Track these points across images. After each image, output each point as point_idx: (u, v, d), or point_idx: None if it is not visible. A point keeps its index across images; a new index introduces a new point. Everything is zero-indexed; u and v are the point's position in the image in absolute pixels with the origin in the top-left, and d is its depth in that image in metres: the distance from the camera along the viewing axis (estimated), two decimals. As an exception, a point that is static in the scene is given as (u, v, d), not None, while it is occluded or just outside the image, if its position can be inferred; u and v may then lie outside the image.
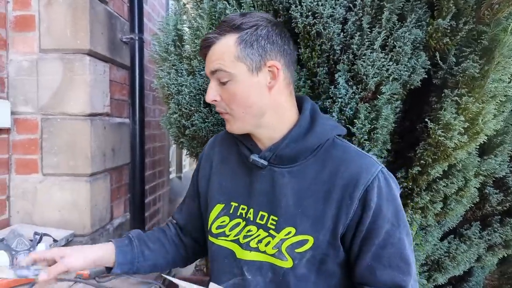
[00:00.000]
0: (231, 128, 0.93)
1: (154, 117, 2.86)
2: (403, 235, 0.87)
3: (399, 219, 0.87)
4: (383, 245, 0.85)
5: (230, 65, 0.86)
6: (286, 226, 0.88)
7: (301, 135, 0.90)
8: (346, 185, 0.86)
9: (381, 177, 0.87)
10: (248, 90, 0.87)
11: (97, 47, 1.85)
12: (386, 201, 0.86)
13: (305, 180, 0.89)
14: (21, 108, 1.77)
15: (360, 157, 0.91)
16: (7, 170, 1.77)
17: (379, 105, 1.21)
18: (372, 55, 1.17)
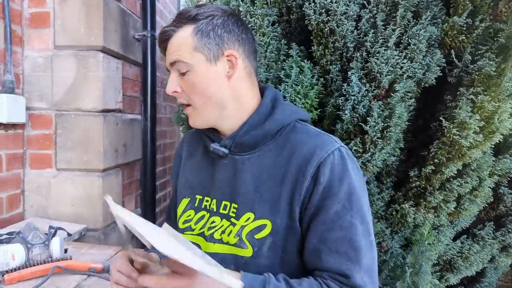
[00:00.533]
0: (194, 122, 0.91)
1: (165, 114, 2.87)
2: (356, 220, 0.80)
3: (352, 202, 0.80)
4: (331, 227, 0.80)
5: (187, 55, 0.85)
6: (246, 212, 0.86)
7: (260, 121, 0.88)
8: (300, 164, 0.83)
9: (336, 155, 0.82)
10: (206, 80, 0.86)
11: (111, 44, 1.87)
12: (339, 180, 0.81)
13: (264, 166, 0.87)
14: (36, 103, 1.79)
15: (318, 136, 0.87)
16: (22, 164, 1.80)
17: (392, 103, 1.20)
18: (386, 53, 1.16)
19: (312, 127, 0.91)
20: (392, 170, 1.45)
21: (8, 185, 1.71)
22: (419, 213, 1.41)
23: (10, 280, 1.09)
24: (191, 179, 0.99)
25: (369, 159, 1.28)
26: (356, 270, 0.78)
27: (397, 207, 1.47)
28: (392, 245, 1.55)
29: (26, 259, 1.19)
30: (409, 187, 1.41)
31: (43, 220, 1.76)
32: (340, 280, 0.78)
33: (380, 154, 1.27)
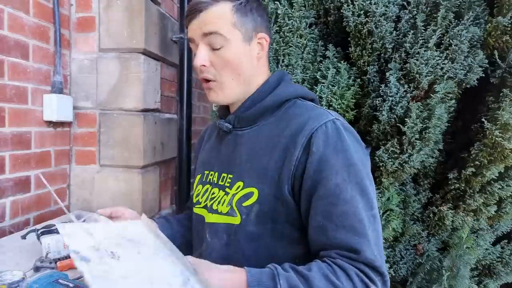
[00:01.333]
0: (217, 97, 0.90)
1: (199, 114, 2.94)
2: (355, 193, 0.76)
3: (350, 173, 0.77)
4: (334, 201, 0.76)
5: (226, 30, 0.84)
6: (237, 181, 0.86)
7: (261, 98, 0.89)
8: (291, 134, 0.81)
9: (330, 125, 0.80)
10: (241, 57, 0.86)
11: (151, 47, 1.94)
12: (334, 151, 0.77)
13: (259, 138, 0.87)
14: (81, 103, 1.89)
15: (314, 109, 0.86)
16: (68, 160, 1.90)
17: (432, 104, 1.19)
18: (426, 53, 1.15)
19: (313, 104, 0.90)
20: (430, 172, 1.43)
21: (56, 179, 1.82)
22: (458, 216, 1.39)
23: (62, 267, 1.16)
24: (205, 157, 1.03)
25: (406, 160, 1.28)
26: (365, 244, 0.74)
27: (434, 210, 1.45)
28: (428, 248, 1.54)
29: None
30: (447, 189, 1.39)
31: (87, 213, 1.86)
32: (350, 256, 0.73)
33: (418, 156, 1.27)
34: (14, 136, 1.55)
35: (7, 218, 1.53)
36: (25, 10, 1.59)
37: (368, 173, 0.81)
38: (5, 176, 1.51)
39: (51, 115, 1.71)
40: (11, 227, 1.55)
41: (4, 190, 1.51)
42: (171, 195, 2.38)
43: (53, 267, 1.13)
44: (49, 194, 1.77)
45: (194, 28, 0.85)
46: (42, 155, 1.72)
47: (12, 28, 1.53)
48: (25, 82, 1.60)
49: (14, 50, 1.54)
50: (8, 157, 1.53)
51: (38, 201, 1.70)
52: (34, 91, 1.65)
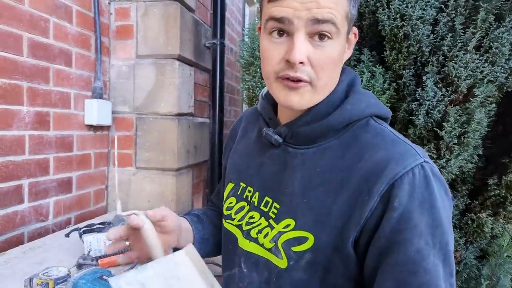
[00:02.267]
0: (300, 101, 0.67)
1: (230, 118, 2.99)
2: (439, 261, 0.62)
3: (435, 236, 0.61)
4: (413, 270, 0.61)
5: (341, 21, 0.64)
6: (286, 217, 0.70)
7: (327, 112, 0.70)
8: (367, 176, 0.64)
9: (418, 173, 0.62)
10: (340, 57, 0.67)
11: (185, 52, 2.00)
12: (421, 207, 0.61)
13: (319, 166, 0.70)
14: (119, 108, 1.97)
15: (395, 144, 0.66)
16: (107, 163, 1.98)
17: (471, 108, 1.17)
18: (465, 57, 1.14)
19: (390, 129, 0.71)
20: (469, 178, 1.40)
21: (95, 181, 1.90)
22: (498, 223, 1.35)
23: (102, 265, 1.21)
24: (240, 163, 0.86)
25: (443, 165, 1.26)
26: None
27: (473, 216, 1.42)
28: (466, 255, 1.49)
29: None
30: (487, 195, 1.35)
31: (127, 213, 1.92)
32: None
33: (456, 161, 1.24)
34: (58, 139, 1.64)
35: (51, 217, 1.62)
36: (68, 20, 1.68)
37: (452, 234, 0.66)
38: (49, 177, 1.60)
39: (91, 119, 1.79)
40: (54, 226, 1.63)
41: (48, 191, 1.59)
42: (203, 197, 2.43)
43: (95, 265, 1.18)
44: (88, 194, 1.85)
45: (295, 6, 0.62)
46: (83, 157, 1.80)
47: (57, 37, 1.61)
48: (68, 88, 1.69)
49: (58, 58, 1.62)
50: (52, 159, 1.61)
51: (79, 201, 1.78)
52: (76, 96, 1.74)
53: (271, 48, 0.66)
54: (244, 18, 3.63)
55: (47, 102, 1.57)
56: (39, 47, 1.51)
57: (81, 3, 1.75)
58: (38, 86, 1.52)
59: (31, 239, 1.49)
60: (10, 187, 1.41)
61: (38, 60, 1.51)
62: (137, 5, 1.94)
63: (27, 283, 1.03)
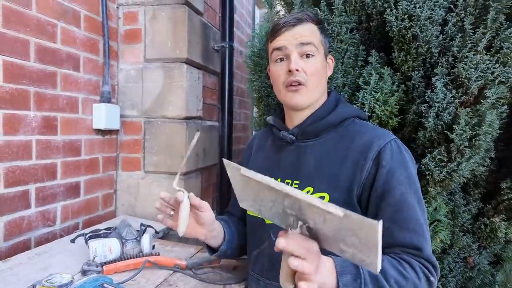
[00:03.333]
0: (301, 99, 1.01)
1: (239, 121, 2.98)
2: (414, 200, 0.90)
3: (410, 184, 0.91)
4: (399, 208, 0.88)
5: (317, 43, 1.01)
6: (306, 186, 0.96)
7: (324, 115, 1.03)
8: (361, 149, 0.94)
9: (393, 144, 0.94)
10: (322, 70, 1.03)
11: (193, 56, 2.00)
12: (399, 165, 0.91)
13: (325, 150, 1.00)
14: (128, 112, 1.98)
15: (375, 129, 1.01)
16: (115, 167, 1.99)
17: (482, 110, 1.13)
18: (476, 57, 1.10)
19: (370, 123, 1.06)
20: (481, 181, 1.36)
21: (104, 185, 1.91)
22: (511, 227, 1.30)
23: (107, 271, 1.20)
24: (260, 165, 1.12)
25: (454, 169, 1.22)
26: (425, 243, 0.88)
27: (486, 221, 1.37)
28: (479, 261, 1.45)
29: (121, 252, 1.31)
30: (500, 199, 1.31)
31: (132, 218, 1.93)
32: (413, 253, 0.86)
33: (467, 164, 1.20)
34: (66, 143, 1.65)
35: (58, 222, 1.63)
36: (76, 24, 1.69)
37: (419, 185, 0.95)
38: (56, 182, 1.61)
39: (100, 123, 1.80)
40: (61, 230, 1.64)
41: (55, 195, 1.60)
42: (212, 201, 2.42)
43: (99, 271, 1.18)
44: (97, 199, 1.86)
45: (287, 38, 1.01)
46: (91, 162, 1.81)
47: (65, 42, 1.63)
48: (76, 92, 1.70)
49: (66, 63, 1.64)
50: (59, 163, 1.62)
51: (87, 206, 1.79)
52: (84, 100, 1.75)
53: (278, 69, 1.04)
54: (254, 21, 3.62)
55: (55, 107, 1.58)
56: (46, 52, 1.53)
57: (89, 8, 1.76)
58: (46, 91, 1.53)
59: (38, 244, 1.50)
60: (17, 192, 1.42)
61: (45, 65, 1.53)
62: (145, 9, 1.94)
63: (30, 290, 1.02)
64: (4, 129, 1.35)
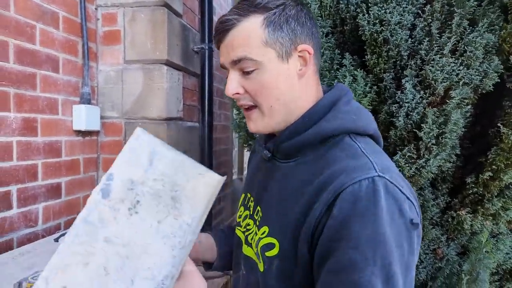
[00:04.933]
0: (256, 126, 0.78)
1: (219, 122, 3.01)
2: (377, 280, 0.59)
3: (376, 253, 0.59)
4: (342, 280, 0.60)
5: (257, 51, 0.71)
6: (264, 225, 0.77)
7: (304, 128, 0.75)
8: (321, 186, 0.67)
9: (365, 185, 0.63)
10: (277, 80, 0.73)
11: (173, 57, 2.02)
12: (362, 219, 0.61)
13: (292, 179, 0.75)
14: (108, 113, 1.98)
15: (357, 157, 0.68)
16: (96, 168, 1.99)
17: (448, 110, 1.21)
18: (442, 60, 1.18)
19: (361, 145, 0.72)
20: (448, 177, 1.45)
21: (85, 186, 1.91)
22: (477, 220, 1.39)
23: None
24: (249, 176, 0.97)
25: (423, 165, 1.30)
26: None
27: (453, 214, 1.46)
28: (448, 252, 1.54)
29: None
30: (466, 193, 1.40)
31: (114, 218, 1.93)
32: None
33: (434, 160, 1.29)
34: (46, 145, 1.65)
35: (40, 222, 1.62)
36: (55, 26, 1.69)
37: (401, 257, 0.62)
38: (37, 183, 1.61)
39: (80, 124, 1.80)
40: (43, 231, 1.64)
41: (37, 196, 1.60)
42: (192, 200, 2.45)
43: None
44: (78, 200, 1.86)
45: (222, 52, 0.76)
46: (72, 163, 1.81)
47: (44, 43, 1.63)
48: (55, 93, 1.70)
49: (45, 64, 1.64)
50: (40, 165, 1.62)
51: (68, 206, 1.79)
52: (64, 102, 1.75)
53: None
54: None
55: (35, 108, 1.58)
56: (25, 53, 1.53)
57: (67, 9, 1.76)
58: (25, 92, 1.53)
59: (20, 244, 1.49)
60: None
61: (24, 66, 1.52)
62: (124, 11, 1.96)
63: (17, 287, 1.04)
64: (-17, 130, 1.35)
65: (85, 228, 0.56)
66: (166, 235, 0.58)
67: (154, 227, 0.58)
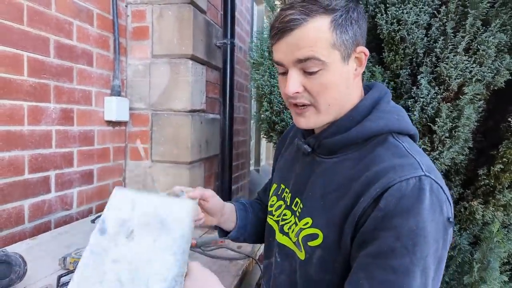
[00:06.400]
0: (308, 123, 0.81)
1: (239, 114, 3.11)
2: (416, 269, 0.64)
3: (416, 245, 0.64)
4: (381, 264, 0.65)
5: (325, 53, 0.73)
6: (306, 216, 0.81)
7: (348, 126, 0.79)
8: (368, 182, 0.71)
9: (412, 183, 0.67)
10: (339, 80, 0.76)
11: (197, 52, 2.12)
12: (406, 213, 0.65)
13: (337, 174, 0.78)
14: (136, 104, 2.10)
15: (403, 157, 0.72)
16: (124, 156, 2.12)
17: (461, 105, 1.28)
18: (455, 58, 1.24)
19: (405, 145, 0.75)
20: (461, 169, 1.51)
21: (114, 173, 2.04)
22: (488, 210, 1.45)
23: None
24: (283, 167, 1.00)
25: (437, 157, 1.37)
26: None
27: (465, 205, 1.52)
28: (460, 241, 1.61)
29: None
30: (478, 185, 1.46)
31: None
32: None
33: (448, 153, 1.35)
34: (81, 134, 1.78)
35: (74, 206, 1.76)
36: (90, 22, 1.81)
37: (436, 251, 0.67)
38: (73, 169, 1.74)
39: (111, 115, 1.93)
40: (77, 214, 1.78)
41: (72, 182, 1.73)
42: (214, 189, 2.56)
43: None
44: (108, 186, 1.99)
45: (283, 50, 0.76)
46: (103, 151, 1.94)
47: (80, 39, 1.75)
48: (90, 86, 1.82)
49: (81, 58, 1.76)
50: (75, 152, 1.75)
51: (99, 192, 1.92)
52: (97, 94, 1.87)
53: (280, 85, 0.82)
54: (253, 17, 3.74)
55: (71, 100, 1.70)
56: (64, 49, 1.65)
57: (101, 7, 1.88)
58: (64, 84, 1.65)
59: (57, 226, 1.63)
60: (39, 178, 1.55)
61: (63, 60, 1.65)
62: (153, 8, 2.06)
63: (61, 262, 1.16)
64: (28, 119, 1.48)
65: (92, 258, 0.67)
66: (164, 248, 0.68)
67: (151, 245, 0.69)
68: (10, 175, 1.42)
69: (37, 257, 1.23)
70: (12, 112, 1.41)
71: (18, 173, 1.45)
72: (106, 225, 0.70)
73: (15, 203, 1.44)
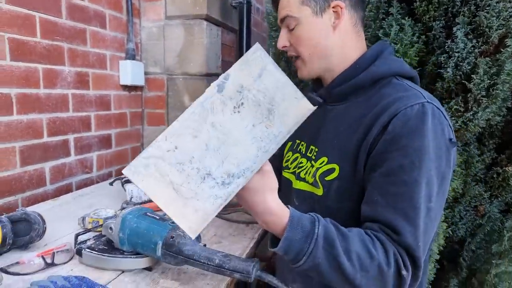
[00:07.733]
0: (301, 73, 0.96)
1: (257, 79, 3.02)
2: (421, 180, 0.73)
3: (421, 160, 0.73)
4: (394, 181, 0.74)
5: (296, 10, 0.89)
6: (322, 156, 0.90)
7: (355, 74, 0.90)
8: (377, 113, 0.80)
9: (416, 108, 0.77)
10: (312, 31, 0.90)
11: (212, 13, 2.02)
12: (412, 133, 0.74)
13: (347, 116, 0.89)
14: (151, 69, 2.04)
15: (407, 90, 0.83)
16: (141, 121, 2.08)
17: (501, 59, 1.16)
18: (498, 5, 1.12)
19: (409, 83, 0.86)
20: (496, 131, 1.41)
21: (132, 138, 2.01)
22: (525, 176, 1.36)
23: (145, 210, 1.32)
24: None
25: (470, 118, 1.27)
26: (409, 230, 0.72)
27: (499, 170, 1.43)
28: (490, 209, 1.52)
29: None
30: (514, 148, 1.36)
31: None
32: (390, 234, 0.73)
33: (483, 113, 1.25)
34: (97, 98, 1.74)
35: (94, 169, 1.75)
36: (101, -18, 1.73)
37: (439, 167, 0.76)
38: (91, 133, 1.71)
39: (126, 79, 1.88)
40: (97, 177, 1.77)
41: (91, 146, 1.72)
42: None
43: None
44: (126, 151, 1.97)
45: (277, 11, 0.95)
46: (120, 116, 1.90)
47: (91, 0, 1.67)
48: (104, 49, 1.77)
49: (94, 20, 1.69)
50: (93, 116, 1.72)
51: (118, 156, 1.90)
52: (111, 57, 1.82)
53: None
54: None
55: (86, 63, 1.65)
56: (76, 9, 1.58)
57: (112, -35, 1.79)
58: (77, 47, 1.60)
59: (78, 188, 1.63)
60: (58, 141, 1.53)
61: (75, 22, 1.58)
62: (165, -34, 1.96)
63: (81, 221, 1.15)
64: (44, 82, 1.44)
65: (200, 110, 0.69)
66: (255, 137, 0.71)
67: (249, 128, 0.71)
68: (29, 138, 1.40)
69: (58, 217, 1.24)
70: (27, 74, 1.37)
71: (37, 136, 1.44)
72: (226, 83, 0.70)
73: (36, 165, 1.44)
